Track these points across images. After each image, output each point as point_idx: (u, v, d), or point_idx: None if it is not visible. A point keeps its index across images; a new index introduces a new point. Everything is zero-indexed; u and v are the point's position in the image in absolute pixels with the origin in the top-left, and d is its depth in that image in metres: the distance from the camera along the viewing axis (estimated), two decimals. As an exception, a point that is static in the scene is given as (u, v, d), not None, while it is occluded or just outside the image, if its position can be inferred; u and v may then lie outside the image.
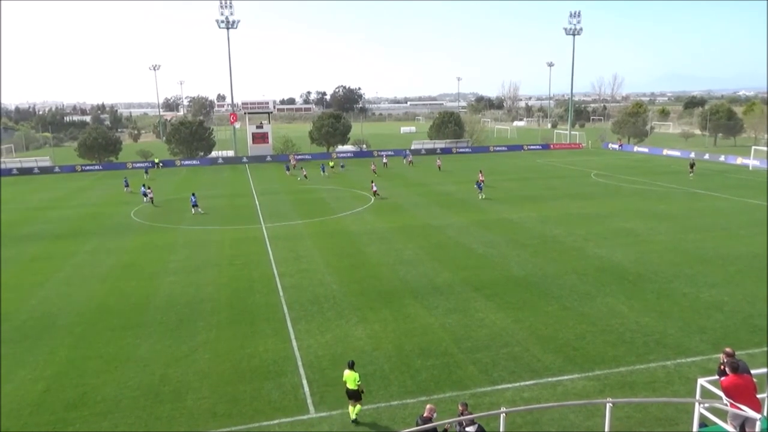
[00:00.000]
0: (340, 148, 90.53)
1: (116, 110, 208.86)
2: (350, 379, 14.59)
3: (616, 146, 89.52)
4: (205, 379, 17.02)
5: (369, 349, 18.64)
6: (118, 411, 15.43)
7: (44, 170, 76.49)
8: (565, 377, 16.57)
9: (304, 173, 61.09)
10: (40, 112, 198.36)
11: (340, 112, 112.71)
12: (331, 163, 70.27)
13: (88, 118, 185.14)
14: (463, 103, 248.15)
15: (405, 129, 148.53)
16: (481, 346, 18.68)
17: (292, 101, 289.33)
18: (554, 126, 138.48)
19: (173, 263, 29.56)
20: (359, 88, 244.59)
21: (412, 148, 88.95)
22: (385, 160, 72.55)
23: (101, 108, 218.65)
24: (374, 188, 47.61)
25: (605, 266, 26.84)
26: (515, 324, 20.41)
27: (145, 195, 48.45)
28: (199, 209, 43.20)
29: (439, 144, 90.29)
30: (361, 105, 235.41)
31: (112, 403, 15.86)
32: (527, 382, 16.32)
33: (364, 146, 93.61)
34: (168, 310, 22.72)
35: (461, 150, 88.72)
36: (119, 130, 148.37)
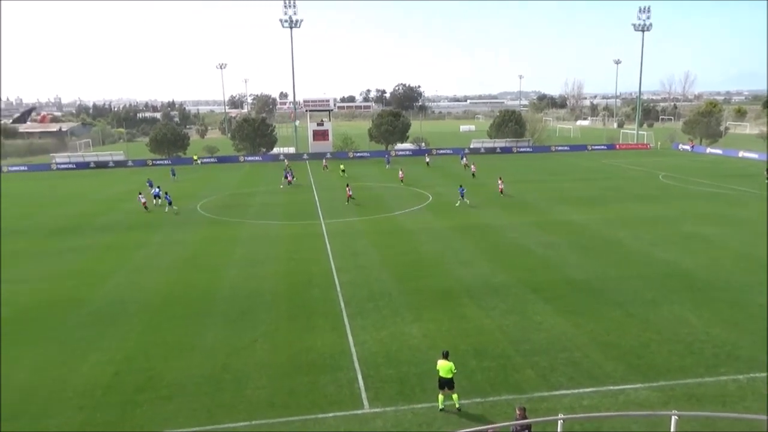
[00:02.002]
0: (398, 146, 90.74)
1: (185, 107, 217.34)
2: (445, 368, 14.85)
3: (687, 147, 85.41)
4: (264, 370, 17.49)
5: (424, 348, 18.64)
6: (182, 396, 16.11)
7: (118, 164, 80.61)
8: (628, 386, 16.00)
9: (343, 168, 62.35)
10: (116, 109, 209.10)
11: (399, 110, 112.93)
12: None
13: (158, 115, 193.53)
14: (525, 102, 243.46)
15: (464, 127, 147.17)
16: (539, 350, 18.31)
17: (352, 99, 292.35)
18: (620, 125, 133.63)
19: (236, 256, 30.51)
20: (419, 86, 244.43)
21: (472, 146, 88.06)
22: (427, 159, 72.37)
23: (171, 105, 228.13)
24: (349, 192, 45.87)
25: (672, 272, 25.70)
26: (575, 329, 19.87)
27: (157, 197, 46.73)
28: (174, 208, 43.62)
29: (499, 143, 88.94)
30: (420, 103, 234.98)
31: (177, 387, 16.57)
32: (587, 390, 15.87)
33: (423, 144, 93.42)
34: (230, 302, 23.49)
35: (522, 149, 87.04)
36: (187, 126, 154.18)
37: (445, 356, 15.25)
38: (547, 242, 31.46)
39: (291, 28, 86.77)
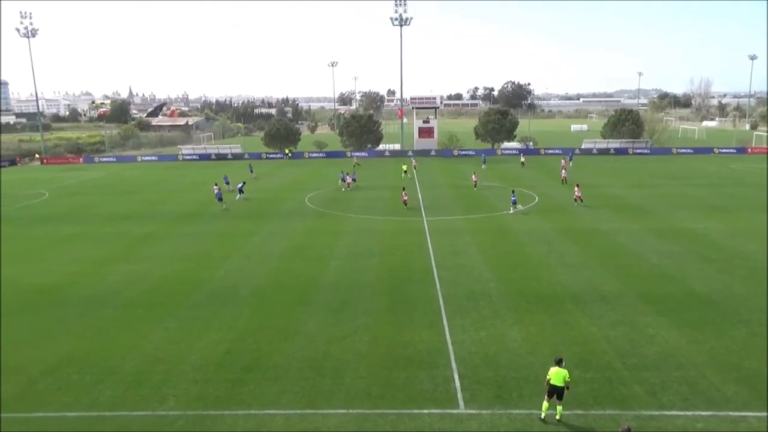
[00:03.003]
0: (505, 144, 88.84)
1: (297, 104, 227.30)
2: (559, 376, 14.35)
3: (835, 152, 75.95)
4: (363, 361, 17.90)
5: (524, 353, 18.15)
6: (285, 379, 16.90)
7: (236, 156, 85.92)
8: (751, 414, 14.58)
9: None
10: (235, 105, 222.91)
11: (507, 108, 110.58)
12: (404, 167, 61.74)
13: (273, 111, 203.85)
14: (644, 100, 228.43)
15: (576, 127, 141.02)
16: (649, 365, 17.18)
17: (459, 97, 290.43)
18: (753, 127, 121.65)
19: (339, 248, 31.45)
20: (528, 84, 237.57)
21: (583, 146, 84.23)
22: (522, 159, 69.70)
23: (285, 102, 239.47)
24: (405, 196, 42.85)
25: (812, 292, 23.01)
26: (692, 345, 18.42)
27: (228, 183, 51.71)
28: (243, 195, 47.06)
29: (614, 144, 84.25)
30: (529, 101, 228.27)
31: (281, 370, 17.41)
32: (702, 413, 14.67)
33: (531, 144, 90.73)
34: (333, 292, 24.27)
35: (638, 151, 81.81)
36: (299, 122, 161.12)
37: (559, 363, 14.63)
38: (664, 251, 29.39)
39: (401, 26, 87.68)
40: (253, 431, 14.29)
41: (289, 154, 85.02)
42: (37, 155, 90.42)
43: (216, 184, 47.58)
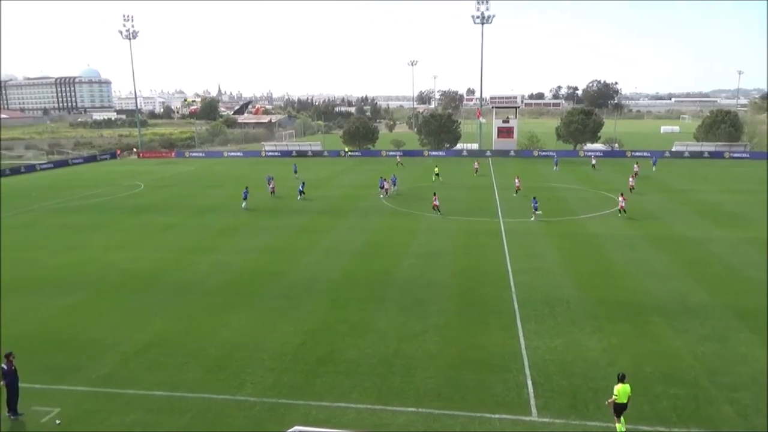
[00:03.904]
0: (588, 146, 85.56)
1: (376, 102, 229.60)
2: (626, 392, 13.88)
3: None
4: (433, 361, 17.87)
5: (603, 364, 17.44)
6: (357, 373, 17.18)
7: (316, 153, 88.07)
8: None
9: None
10: (316, 104, 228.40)
11: (591, 107, 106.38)
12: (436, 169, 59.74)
13: (353, 110, 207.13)
14: (744, 101, 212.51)
15: (666, 128, 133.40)
16: (740, 385, 16.03)
17: (540, 96, 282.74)
18: None
19: (414, 247, 31.52)
20: (615, 83, 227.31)
21: (674, 149, 79.61)
22: (593, 162, 66.53)
23: (364, 100, 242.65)
24: (436, 201, 40.11)
25: None
26: (792, 367, 16.98)
27: (302, 192, 49.53)
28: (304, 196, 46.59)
29: (708, 147, 78.98)
30: (616, 101, 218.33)
31: (353, 364, 17.71)
32: (802, 440, 13.51)
33: (616, 145, 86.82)
34: (406, 290, 24.38)
35: (736, 155, 76.17)
36: (377, 120, 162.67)
37: (622, 379, 14.03)
38: (761, 263, 27.27)
39: (482, 24, 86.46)
40: (324, 422, 14.61)
41: (347, 154, 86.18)
42: (134, 149, 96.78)
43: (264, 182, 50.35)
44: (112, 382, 16.92)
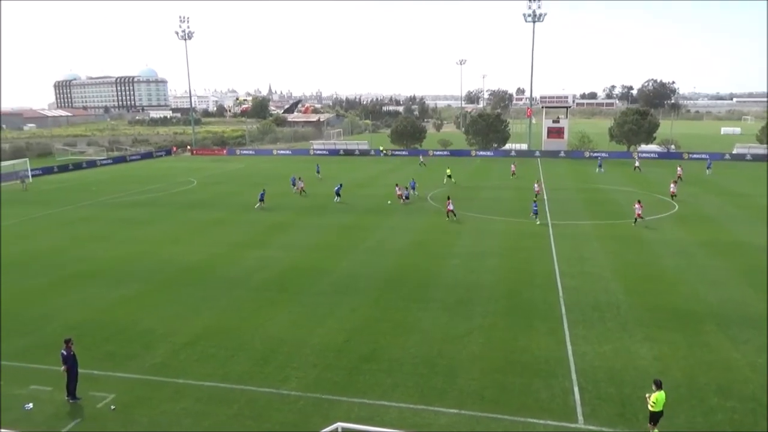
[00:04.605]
0: (642, 147, 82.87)
1: (424, 102, 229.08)
2: (663, 400, 13.51)
3: None
4: (477, 363, 17.72)
5: (653, 372, 16.85)
6: (399, 372, 17.21)
7: (363, 152, 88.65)
8: None
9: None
10: (364, 103, 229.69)
11: (647, 108, 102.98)
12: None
13: (401, 109, 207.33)
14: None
15: (726, 129, 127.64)
16: (804, 401, 15.20)
17: (593, 95, 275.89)
18: None
19: (458, 247, 31.31)
20: (673, 82, 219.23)
21: (735, 152, 76.12)
22: (637, 164, 64.31)
23: (412, 99, 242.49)
24: (450, 206, 38.54)
25: None
26: None
27: (294, 184, 51.61)
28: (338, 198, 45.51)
29: (773, 149, 75.12)
30: (673, 101, 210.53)
31: (395, 363, 17.76)
32: None
33: (672, 147, 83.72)
34: (450, 290, 24.25)
35: (804, 158, 72.17)
36: (425, 120, 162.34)
37: (659, 386, 13.56)
38: (829, 273, 25.78)
39: (533, 22, 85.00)
40: (367, 420, 14.71)
41: (386, 153, 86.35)
42: (188, 146, 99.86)
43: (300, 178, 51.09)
44: (164, 371, 17.53)
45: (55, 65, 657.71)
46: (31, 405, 15.61)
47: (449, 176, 56.41)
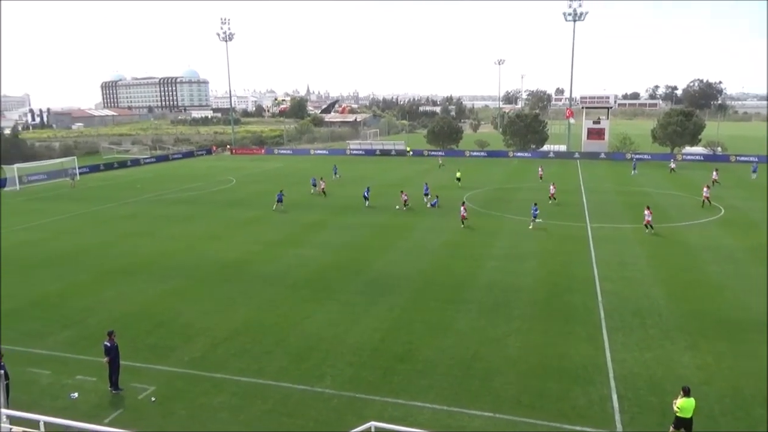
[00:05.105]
0: (686, 149, 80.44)
1: (461, 102, 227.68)
2: (690, 407, 13.10)
3: None
4: (514, 367, 17.50)
5: (696, 382, 16.32)
6: (434, 374, 17.15)
7: (399, 153, 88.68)
8: None
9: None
10: (401, 103, 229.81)
11: (692, 108, 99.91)
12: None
13: (437, 109, 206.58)
14: None
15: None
16: None
17: (635, 96, 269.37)
18: None
19: (496, 249, 31.00)
20: (719, 82, 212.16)
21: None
22: (672, 165, 62.39)
23: (449, 100, 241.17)
24: (464, 212, 36.78)
25: None
26: None
27: (315, 185, 52.00)
28: (368, 203, 43.96)
29: (828, 152, 71.86)
30: (720, 101, 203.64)
31: (430, 365, 17.70)
32: None
33: (719, 149, 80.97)
34: (487, 293, 24.03)
35: None
36: (462, 120, 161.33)
37: (687, 393, 13.16)
38: None
39: (574, 21, 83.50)
40: (400, 420, 14.71)
41: (410, 152, 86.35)
42: (228, 146, 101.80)
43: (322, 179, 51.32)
44: (203, 365, 17.91)
45: (102, 67, 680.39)
46: (76, 394, 16.18)
47: (458, 179, 55.26)
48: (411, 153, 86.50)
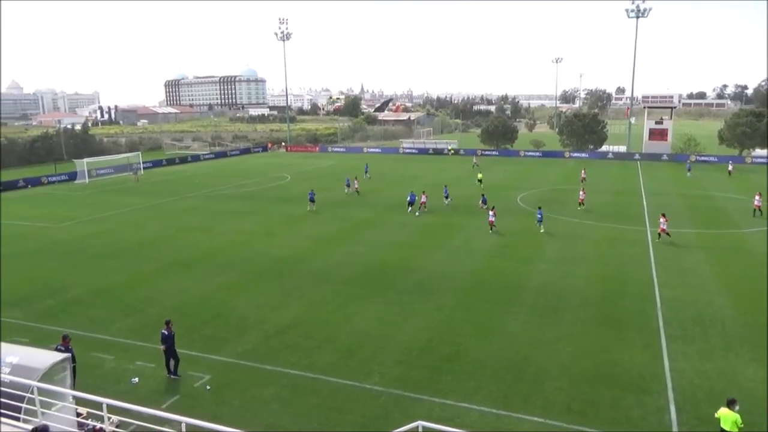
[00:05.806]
0: (757, 151, 76.24)
1: (517, 101, 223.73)
2: (728, 420, 12.49)
3: None
4: (565, 372, 17.12)
5: (761, 397, 15.54)
6: (482, 375, 16.99)
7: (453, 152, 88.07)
8: None
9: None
10: (455, 102, 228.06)
11: (763, 109, 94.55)
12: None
13: (492, 108, 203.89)
14: None
15: None
16: None
17: (702, 95, 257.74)
18: None
19: (548, 251, 30.36)
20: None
21: None
22: (730, 168, 58.84)
23: (504, 99, 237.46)
24: (492, 217, 34.92)
25: None
26: None
27: (348, 186, 51.65)
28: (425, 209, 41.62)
29: None
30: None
31: (479, 366, 17.55)
32: None
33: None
34: (538, 295, 23.59)
35: None
36: (517, 119, 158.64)
37: (730, 404, 12.51)
38: None
39: (637, 17, 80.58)
40: (447, 421, 14.66)
41: (451, 151, 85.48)
42: (283, 143, 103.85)
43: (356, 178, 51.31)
44: (255, 357, 18.40)
45: (166, 66, 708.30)
46: (137, 379, 16.96)
47: (480, 181, 53.10)
48: (452, 152, 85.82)
